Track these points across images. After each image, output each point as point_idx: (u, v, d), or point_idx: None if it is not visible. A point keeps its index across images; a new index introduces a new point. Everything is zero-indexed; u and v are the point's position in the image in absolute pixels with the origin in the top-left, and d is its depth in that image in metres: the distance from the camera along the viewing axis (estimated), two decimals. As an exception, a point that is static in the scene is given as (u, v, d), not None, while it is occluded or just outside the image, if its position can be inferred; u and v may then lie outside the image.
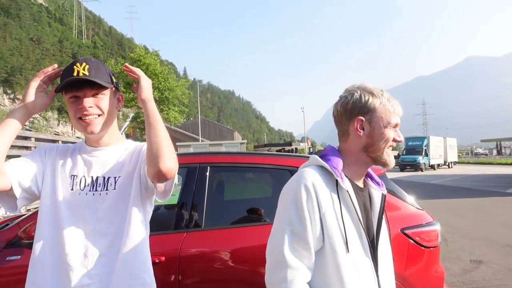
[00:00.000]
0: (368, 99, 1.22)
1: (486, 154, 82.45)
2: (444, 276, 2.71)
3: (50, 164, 1.45)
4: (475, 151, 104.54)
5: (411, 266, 2.57)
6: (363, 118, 1.22)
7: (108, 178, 1.42)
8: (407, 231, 2.59)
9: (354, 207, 1.20)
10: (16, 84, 60.29)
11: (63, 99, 1.47)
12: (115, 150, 1.48)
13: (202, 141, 35.91)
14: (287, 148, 45.95)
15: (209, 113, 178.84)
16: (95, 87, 1.37)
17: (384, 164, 1.25)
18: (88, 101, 1.35)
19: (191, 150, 24.70)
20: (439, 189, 17.38)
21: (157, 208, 3.97)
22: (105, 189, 1.40)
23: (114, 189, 1.40)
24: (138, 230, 1.42)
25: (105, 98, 1.40)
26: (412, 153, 33.63)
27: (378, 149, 1.23)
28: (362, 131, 1.23)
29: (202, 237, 2.53)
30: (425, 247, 2.60)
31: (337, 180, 1.18)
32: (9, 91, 59.79)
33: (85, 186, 1.40)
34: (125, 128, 33.84)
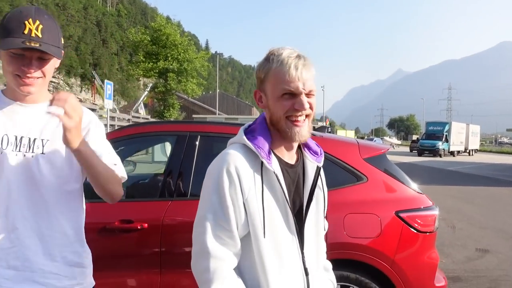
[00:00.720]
0: (264, 67, 1.12)
1: (511, 144, 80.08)
2: (437, 263, 2.65)
3: None
4: (499, 140, 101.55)
5: (403, 250, 2.52)
6: (259, 90, 1.16)
7: (35, 139, 1.29)
8: (402, 214, 2.54)
9: (281, 187, 1.12)
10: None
11: (86, 67, 1.29)
12: (41, 109, 1.29)
13: (219, 114, 35.98)
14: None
15: (229, 87, 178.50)
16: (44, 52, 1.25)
17: (291, 139, 1.12)
18: (34, 65, 1.23)
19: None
20: (456, 175, 17.05)
21: (144, 177, 3.98)
22: (30, 151, 1.28)
23: (42, 153, 1.29)
24: (70, 197, 1.34)
25: (50, 62, 1.28)
26: (431, 138, 32.99)
27: (277, 121, 1.12)
28: (261, 103, 1.16)
29: (187, 206, 2.50)
30: (419, 231, 2.54)
31: (262, 161, 1.10)
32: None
33: (7, 145, 1.27)
34: (143, 98, 34.14)
